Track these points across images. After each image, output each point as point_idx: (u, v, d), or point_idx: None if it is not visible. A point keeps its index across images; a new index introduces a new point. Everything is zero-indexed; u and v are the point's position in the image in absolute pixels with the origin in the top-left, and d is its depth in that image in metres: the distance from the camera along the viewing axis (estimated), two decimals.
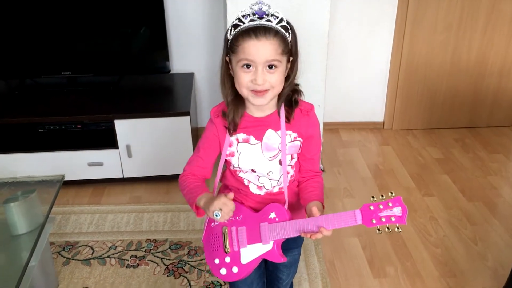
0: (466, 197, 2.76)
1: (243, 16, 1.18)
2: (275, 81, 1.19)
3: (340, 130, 3.56)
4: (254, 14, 1.16)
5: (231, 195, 1.22)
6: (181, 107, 2.76)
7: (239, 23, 1.18)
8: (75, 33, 2.80)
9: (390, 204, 1.14)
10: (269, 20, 1.16)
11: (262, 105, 1.23)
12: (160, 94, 2.97)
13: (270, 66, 1.17)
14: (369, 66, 3.39)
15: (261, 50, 1.15)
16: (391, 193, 1.15)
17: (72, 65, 2.85)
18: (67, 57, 2.85)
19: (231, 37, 1.19)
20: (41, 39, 2.79)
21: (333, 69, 3.21)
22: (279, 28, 1.17)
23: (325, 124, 2.99)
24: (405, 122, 3.56)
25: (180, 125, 2.69)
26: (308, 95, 1.38)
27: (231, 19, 2.43)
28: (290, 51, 1.22)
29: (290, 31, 1.21)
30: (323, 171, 3.02)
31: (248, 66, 1.17)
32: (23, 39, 2.77)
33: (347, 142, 3.42)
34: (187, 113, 2.68)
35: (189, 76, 3.14)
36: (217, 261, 1.35)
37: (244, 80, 1.18)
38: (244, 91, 1.20)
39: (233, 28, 1.19)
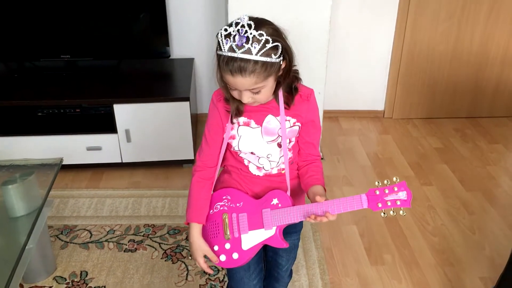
0: (465, 186, 2.76)
1: (225, 37, 1.10)
2: (262, 98, 1.20)
3: (340, 118, 3.55)
4: (234, 39, 1.09)
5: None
6: (180, 92, 2.75)
7: (220, 44, 1.12)
8: (74, 16, 2.78)
9: (396, 189, 1.17)
10: (249, 50, 1.08)
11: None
12: (160, 79, 2.96)
13: (255, 91, 1.17)
14: (370, 54, 3.37)
15: (239, 84, 1.14)
16: (396, 178, 1.17)
17: (71, 49, 2.83)
18: (66, 40, 2.82)
19: (216, 57, 1.16)
20: (40, 22, 2.77)
21: (334, 57, 3.19)
22: (259, 58, 1.10)
23: (325, 112, 2.98)
24: (406, 111, 3.55)
25: (179, 110, 2.68)
26: (309, 82, 1.37)
27: (232, 5, 2.43)
28: (279, 67, 1.16)
29: (277, 49, 1.12)
30: (322, 158, 3.01)
31: (232, 88, 1.18)
32: (22, 21, 2.75)
33: (347, 131, 3.41)
34: (186, 99, 2.66)
35: (189, 62, 3.13)
36: (216, 248, 1.35)
37: (234, 94, 1.20)
38: (237, 100, 1.22)
39: (217, 46, 1.14)
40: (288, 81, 1.24)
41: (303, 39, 2.51)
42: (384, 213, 1.18)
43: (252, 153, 1.32)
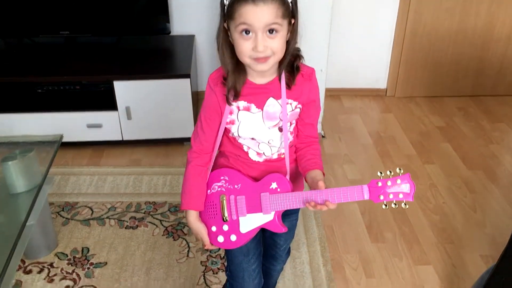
0: (467, 165, 2.75)
1: None
2: (276, 46, 1.13)
3: (342, 96, 3.52)
4: None
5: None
6: (181, 69, 2.72)
7: None
8: None
9: (399, 181, 1.12)
10: None
11: (264, 71, 1.19)
12: (160, 56, 2.92)
13: (271, 31, 1.11)
14: (373, 31, 3.33)
15: (259, 15, 1.08)
16: (400, 169, 1.13)
17: (70, 25, 2.79)
18: (66, 16, 2.78)
19: (227, 2, 1.13)
20: None
21: (336, 34, 3.14)
22: None
23: (327, 90, 2.95)
24: (408, 89, 3.51)
25: (180, 88, 2.66)
26: (311, 60, 1.32)
27: None
28: (292, 12, 1.15)
29: None
30: (323, 137, 3.01)
31: (247, 32, 1.11)
32: None
33: (349, 109, 3.39)
34: (187, 76, 2.64)
35: (190, 39, 3.09)
36: (214, 228, 1.33)
37: (245, 48, 1.12)
38: (246, 60, 1.15)
39: None
40: (290, 59, 1.21)
41: (305, 16, 2.47)
42: (385, 205, 1.16)
43: (252, 138, 1.27)
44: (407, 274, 2.04)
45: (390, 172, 1.14)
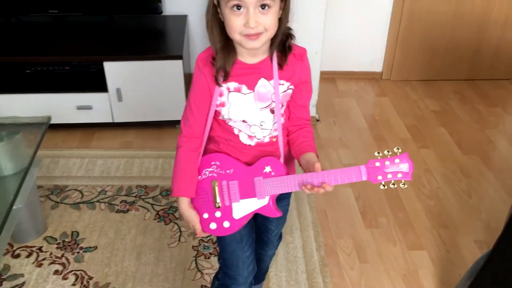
0: (462, 150, 2.73)
1: None
2: (269, 22, 1.09)
3: (337, 79, 3.48)
4: None
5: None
6: (173, 50, 2.66)
7: None
8: None
9: (397, 161, 1.10)
10: None
11: (255, 49, 1.14)
12: (152, 36, 2.86)
13: (263, 6, 1.07)
14: (370, 14, 3.27)
15: None
16: (398, 148, 1.11)
17: (59, 3, 2.70)
18: None
19: None
20: None
21: (332, 16, 3.08)
22: None
23: (322, 73, 2.90)
24: (404, 73, 3.47)
25: (172, 69, 2.60)
26: (306, 41, 1.28)
27: None
28: None
29: None
30: (318, 120, 2.97)
31: (238, 7, 1.07)
32: None
33: (344, 92, 3.35)
34: (179, 57, 2.58)
35: (182, 19, 3.02)
36: (206, 215, 1.30)
37: (236, 24, 1.08)
38: (236, 36, 1.10)
39: None
40: (282, 38, 1.16)
41: None
42: (384, 186, 1.13)
43: (243, 121, 1.23)
44: (401, 260, 2.03)
45: (388, 151, 1.11)
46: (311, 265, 1.97)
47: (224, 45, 1.15)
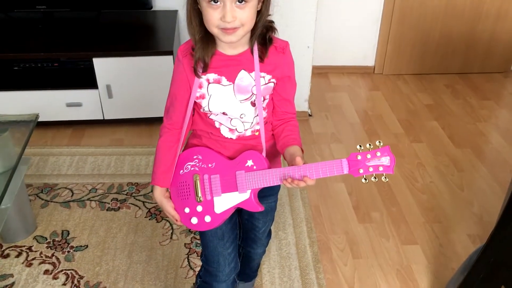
0: (455, 143, 2.72)
1: None
2: (246, 17, 1.08)
3: (329, 74, 3.46)
4: None
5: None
6: (163, 46, 2.63)
7: None
8: None
9: (378, 154, 1.08)
10: None
11: (232, 43, 1.13)
12: (142, 32, 2.82)
13: (240, 0, 1.06)
14: (361, 8, 3.25)
15: None
16: (379, 141, 1.09)
17: None
18: None
19: None
20: None
21: (324, 10, 3.06)
22: None
23: (314, 67, 2.88)
24: (396, 67, 3.46)
25: (162, 65, 2.57)
26: (298, 36, 1.27)
27: None
28: None
29: None
30: (310, 115, 2.95)
31: (215, 1, 1.06)
32: None
33: (336, 87, 3.33)
34: (170, 53, 2.55)
35: (173, 14, 2.98)
36: (187, 210, 1.28)
37: (213, 18, 1.07)
38: (213, 30, 1.09)
39: None
40: (262, 31, 1.15)
41: None
42: (365, 179, 1.11)
43: (224, 113, 1.21)
44: (394, 254, 2.02)
45: (370, 145, 1.09)
46: (304, 261, 1.96)
47: (203, 36, 1.13)
